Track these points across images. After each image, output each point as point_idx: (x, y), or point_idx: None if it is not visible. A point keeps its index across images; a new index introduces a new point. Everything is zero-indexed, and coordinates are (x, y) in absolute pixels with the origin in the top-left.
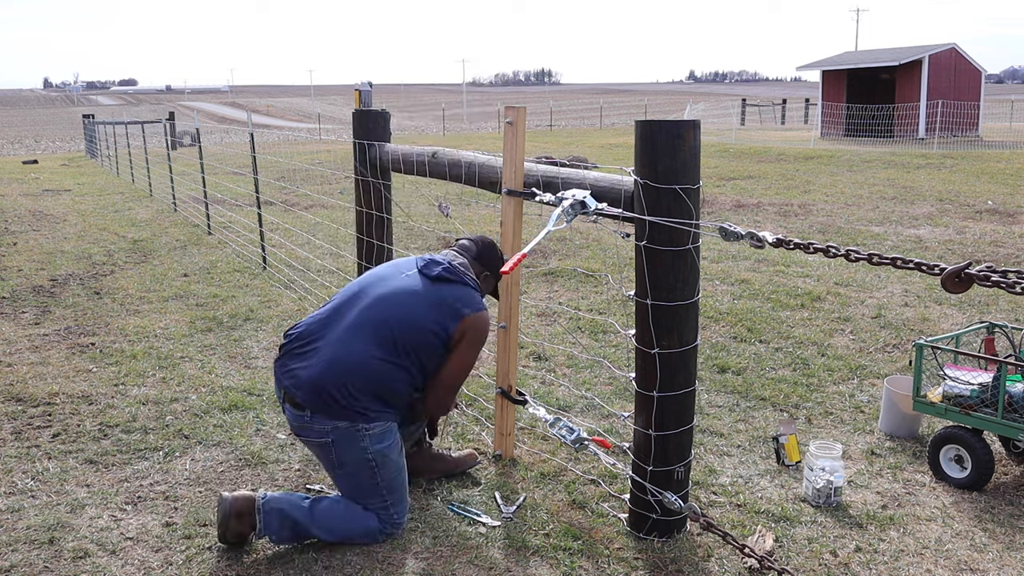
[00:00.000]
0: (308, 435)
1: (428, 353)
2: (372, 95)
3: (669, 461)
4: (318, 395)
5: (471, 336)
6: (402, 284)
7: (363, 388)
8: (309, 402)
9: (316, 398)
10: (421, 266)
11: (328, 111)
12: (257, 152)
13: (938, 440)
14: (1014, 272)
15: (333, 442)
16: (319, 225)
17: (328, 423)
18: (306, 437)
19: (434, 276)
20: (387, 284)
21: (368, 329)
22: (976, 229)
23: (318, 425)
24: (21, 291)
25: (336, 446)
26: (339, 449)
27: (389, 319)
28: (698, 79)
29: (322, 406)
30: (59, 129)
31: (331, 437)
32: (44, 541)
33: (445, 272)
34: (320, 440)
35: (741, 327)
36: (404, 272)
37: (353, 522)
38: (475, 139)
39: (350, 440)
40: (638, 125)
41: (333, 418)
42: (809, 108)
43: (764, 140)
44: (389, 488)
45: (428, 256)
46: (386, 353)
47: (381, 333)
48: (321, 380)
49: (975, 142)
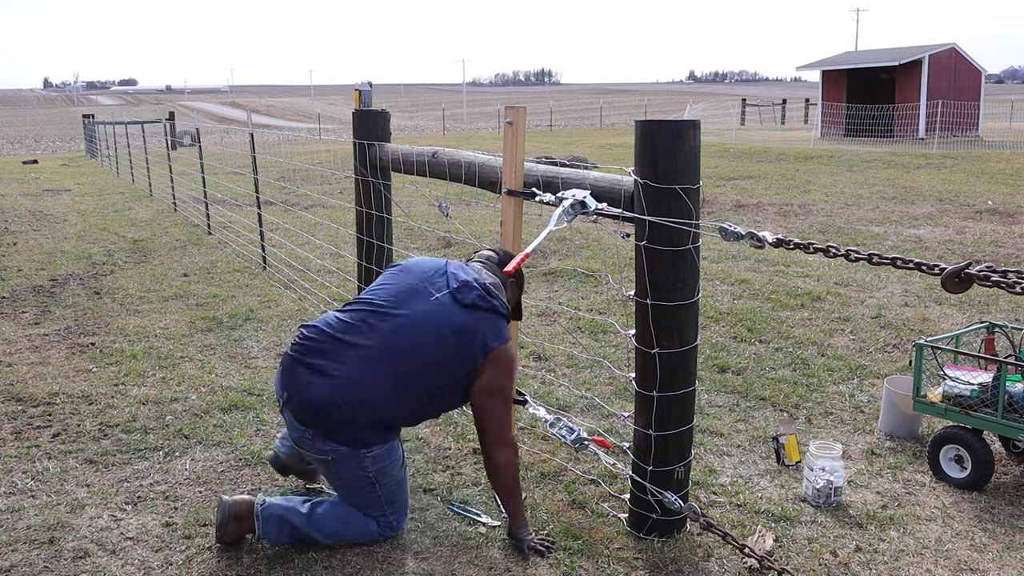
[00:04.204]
0: (307, 449)
1: (449, 390)
2: (372, 95)
3: (669, 461)
4: (323, 420)
5: (500, 367)
6: (431, 310)
7: (371, 423)
8: (312, 423)
9: (321, 422)
10: (454, 288)
11: (328, 111)
12: (257, 152)
13: (938, 440)
14: (1014, 272)
15: (333, 460)
16: (319, 225)
17: (329, 444)
18: (305, 449)
19: (467, 304)
20: (415, 306)
21: (388, 365)
22: (976, 229)
23: (319, 444)
24: (21, 291)
25: (336, 464)
26: (339, 467)
27: (413, 357)
28: (698, 79)
29: (325, 430)
30: (59, 129)
31: (331, 456)
32: (44, 541)
33: (478, 300)
34: (319, 457)
35: (741, 327)
36: (434, 292)
37: (352, 526)
38: (475, 139)
39: (350, 460)
40: (638, 125)
41: (335, 441)
42: (809, 108)
43: (764, 140)
44: (389, 500)
45: (460, 275)
46: (404, 393)
47: (402, 370)
48: (329, 407)
49: (975, 142)
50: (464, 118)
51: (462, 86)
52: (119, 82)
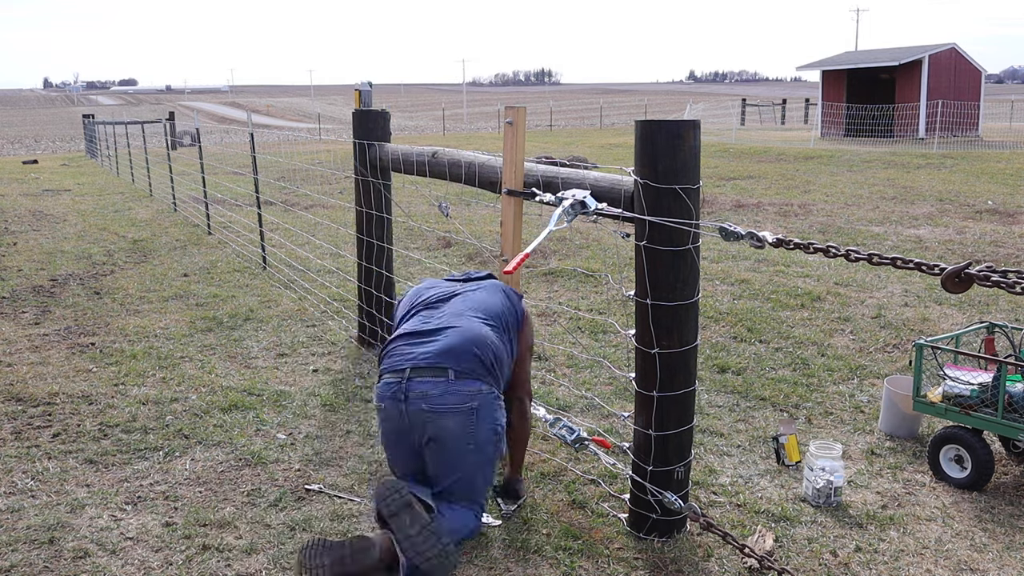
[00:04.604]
0: (448, 403)
1: (514, 333)
2: (372, 95)
3: (669, 461)
4: (464, 356)
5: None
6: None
7: (494, 358)
8: (455, 363)
9: (462, 359)
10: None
11: (328, 111)
12: (257, 152)
13: (938, 440)
14: (1014, 272)
15: (478, 407)
16: (319, 225)
17: (475, 384)
18: (445, 406)
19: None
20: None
21: (478, 316)
22: (976, 229)
23: (465, 388)
24: (21, 291)
25: (479, 413)
26: (480, 417)
27: (488, 309)
28: (698, 79)
29: (468, 368)
30: (59, 129)
31: (477, 401)
32: (44, 541)
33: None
34: (465, 406)
35: (741, 327)
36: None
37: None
38: (475, 139)
39: (490, 408)
40: (638, 125)
41: (480, 379)
42: (809, 108)
43: (764, 140)
44: (492, 467)
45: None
46: (499, 334)
47: (489, 315)
48: (463, 345)
49: (975, 142)
50: (464, 118)
51: (462, 86)
52: (119, 82)
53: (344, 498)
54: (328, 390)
